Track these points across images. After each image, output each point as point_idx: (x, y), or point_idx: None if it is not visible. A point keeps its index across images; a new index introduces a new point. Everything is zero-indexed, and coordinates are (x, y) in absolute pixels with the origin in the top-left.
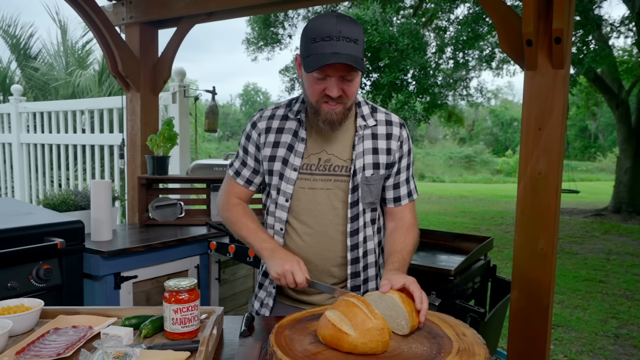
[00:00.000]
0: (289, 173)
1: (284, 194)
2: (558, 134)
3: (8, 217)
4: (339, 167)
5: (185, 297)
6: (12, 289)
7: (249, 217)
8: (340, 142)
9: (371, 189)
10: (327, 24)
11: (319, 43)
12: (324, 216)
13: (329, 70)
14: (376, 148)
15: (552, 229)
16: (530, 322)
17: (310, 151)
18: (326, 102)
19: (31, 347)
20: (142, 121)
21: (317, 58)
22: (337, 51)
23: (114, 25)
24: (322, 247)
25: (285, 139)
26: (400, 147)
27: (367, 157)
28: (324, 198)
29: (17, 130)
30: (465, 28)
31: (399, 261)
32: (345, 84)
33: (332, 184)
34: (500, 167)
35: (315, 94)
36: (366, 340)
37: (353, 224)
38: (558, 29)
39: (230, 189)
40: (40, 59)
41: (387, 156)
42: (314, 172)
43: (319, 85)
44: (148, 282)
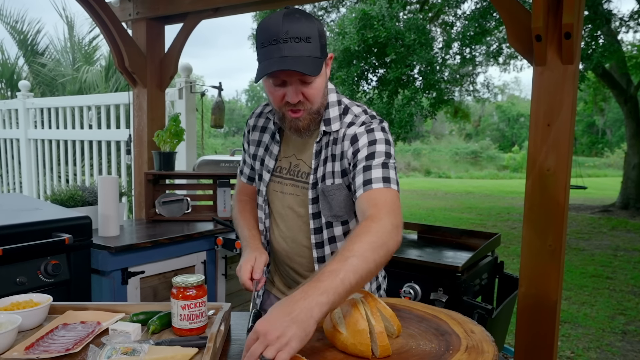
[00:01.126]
0: (264, 174)
1: (261, 194)
2: (567, 130)
3: (16, 212)
4: (305, 174)
5: (192, 294)
6: (21, 284)
7: (247, 214)
8: (308, 148)
9: (329, 200)
10: (273, 25)
11: (267, 48)
12: (293, 222)
13: (282, 76)
14: (334, 154)
15: (560, 225)
16: (537, 318)
17: (283, 154)
18: (289, 110)
19: (40, 342)
20: (149, 117)
21: (265, 65)
22: (285, 54)
23: (121, 21)
24: (295, 252)
25: (265, 139)
26: (352, 143)
27: (328, 165)
28: (292, 203)
29: (25, 126)
30: (473, 23)
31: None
32: (305, 87)
33: (299, 190)
34: (506, 162)
35: (276, 101)
36: (355, 341)
37: (317, 236)
38: (568, 24)
39: (239, 187)
40: (47, 55)
41: (341, 162)
42: (284, 176)
43: (277, 92)
44: (155, 277)
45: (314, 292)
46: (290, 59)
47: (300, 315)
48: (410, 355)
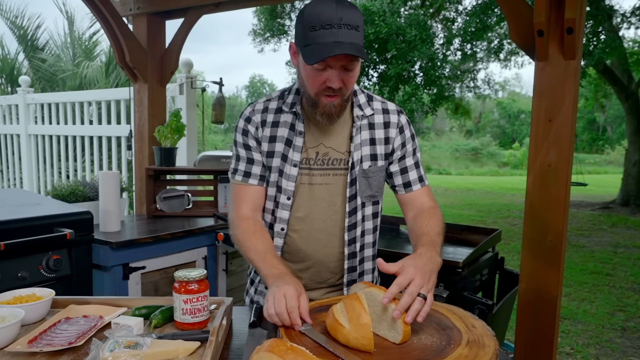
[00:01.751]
0: (288, 169)
1: (285, 192)
2: (568, 126)
3: (18, 207)
4: (337, 161)
5: (195, 288)
6: (23, 279)
7: (258, 236)
8: (337, 134)
9: (370, 181)
10: (327, 10)
11: (319, 32)
12: (322, 212)
13: (330, 61)
14: (373, 139)
15: (561, 221)
16: (538, 314)
17: (308, 145)
18: (327, 95)
19: (43, 336)
20: (150, 112)
21: (319, 48)
22: (340, 40)
23: (122, 16)
24: (321, 243)
25: (282, 133)
26: (400, 132)
27: (364, 149)
28: (323, 194)
29: (25, 121)
30: (474, 19)
31: (427, 243)
32: (346, 74)
33: (331, 179)
34: (507, 159)
35: (316, 85)
36: (358, 335)
37: (351, 217)
38: (570, 19)
39: (240, 197)
40: (47, 51)
41: (386, 146)
42: (312, 166)
43: (319, 76)
44: (156, 272)
45: (433, 252)
46: (347, 45)
47: (434, 267)
48: (411, 349)
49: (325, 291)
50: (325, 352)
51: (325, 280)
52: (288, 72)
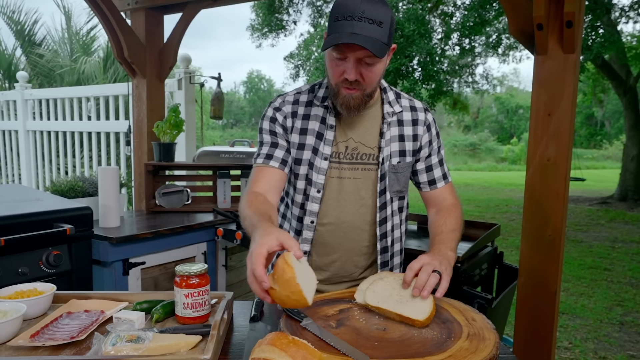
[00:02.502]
0: (319, 162)
1: (315, 185)
2: (568, 120)
3: (18, 203)
4: (367, 156)
5: (196, 282)
6: (23, 274)
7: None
8: (367, 129)
9: (398, 177)
10: (352, 3)
11: (340, 22)
12: (350, 206)
13: (347, 51)
14: (402, 135)
15: (560, 216)
16: (536, 309)
17: (338, 139)
18: (346, 87)
19: (45, 330)
20: (148, 108)
21: (334, 37)
22: (356, 32)
23: (120, 10)
24: (347, 237)
25: (312, 126)
26: (428, 130)
27: (393, 145)
28: (352, 187)
29: (23, 117)
30: (472, 13)
31: (439, 242)
32: (365, 67)
33: (359, 173)
34: (505, 154)
35: (335, 75)
36: (288, 292)
37: (381, 212)
38: (570, 12)
39: (256, 177)
40: (45, 46)
41: (414, 142)
42: (342, 160)
43: (337, 67)
44: (156, 268)
45: (443, 247)
46: (362, 37)
47: (443, 259)
48: (412, 343)
49: (347, 285)
50: (326, 345)
51: (350, 274)
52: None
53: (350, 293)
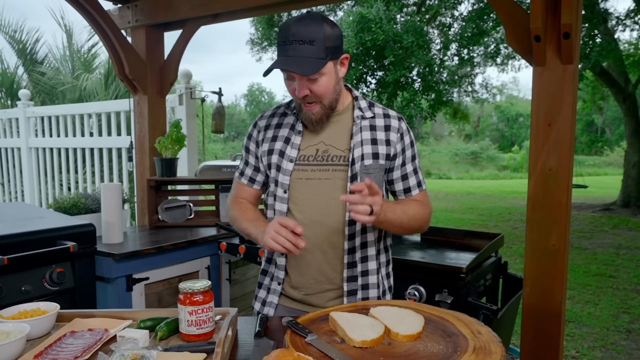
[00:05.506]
0: (285, 164)
1: (281, 186)
2: (568, 130)
3: (20, 221)
4: (337, 157)
5: (200, 299)
6: (26, 292)
7: (249, 211)
8: (337, 133)
9: (370, 177)
10: (285, 28)
11: (279, 47)
12: (322, 206)
13: (290, 73)
14: (375, 139)
15: (563, 225)
16: (543, 318)
17: (308, 143)
18: (304, 103)
19: (49, 350)
20: (150, 123)
21: (273, 62)
22: (289, 54)
23: (120, 28)
24: (321, 237)
25: (282, 133)
26: (401, 139)
27: (365, 147)
28: (322, 188)
29: (26, 134)
30: (470, 24)
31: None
32: (311, 83)
33: (329, 174)
34: (506, 162)
35: (291, 94)
36: None
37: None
38: (567, 24)
39: (236, 191)
40: (46, 64)
41: (387, 147)
42: (311, 162)
43: (290, 85)
44: (159, 283)
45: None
46: (292, 59)
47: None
48: (418, 357)
49: (334, 294)
50: None
51: (331, 280)
52: None
53: (355, 307)
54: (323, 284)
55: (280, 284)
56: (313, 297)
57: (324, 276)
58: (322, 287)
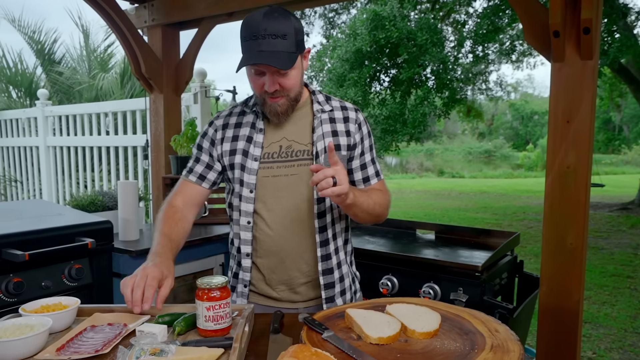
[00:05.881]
0: (250, 164)
1: (247, 185)
2: (587, 127)
3: (40, 218)
4: (301, 152)
5: (217, 295)
6: (46, 287)
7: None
8: (299, 127)
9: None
10: (254, 22)
11: (248, 42)
12: (291, 202)
13: (261, 67)
14: (335, 131)
15: (581, 223)
16: (560, 318)
17: (270, 140)
18: (270, 97)
19: (70, 344)
20: (166, 122)
21: (245, 58)
22: (262, 49)
23: (137, 28)
24: (293, 232)
25: (243, 132)
26: (359, 129)
27: (327, 140)
28: (289, 184)
29: (44, 133)
30: (485, 21)
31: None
32: (281, 77)
33: (295, 169)
34: (521, 161)
35: (257, 88)
36: None
37: (320, 205)
38: (587, 19)
39: (178, 189)
40: (64, 64)
41: (347, 137)
42: (276, 159)
43: (258, 80)
44: (174, 280)
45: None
46: (267, 54)
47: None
48: (435, 355)
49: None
50: (348, 358)
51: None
52: None
53: (371, 305)
54: (299, 279)
55: (246, 287)
56: (289, 293)
57: (298, 271)
58: (299, 281)
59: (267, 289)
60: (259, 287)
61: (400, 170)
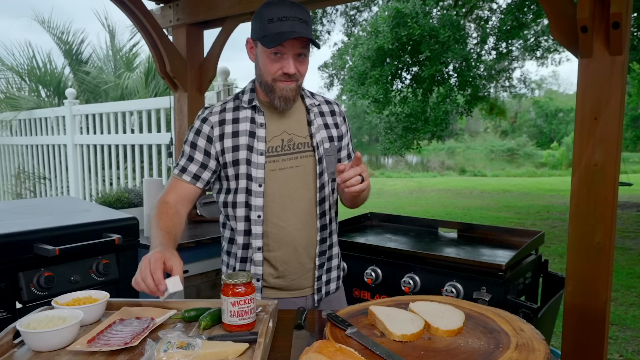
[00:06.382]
0: (256, 158)
1: (256, 180)
2: (616, 124)
3: (70, 214)
4: (302, 144)
5: (242, 291)
6: (75, 282)
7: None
8: (296, 121)
9: (331, 159)
10: (282, 7)
11: (276, 23)
12: (297, 192)
13: (286, 49)
14: (327, 124)
15: (609, 222)
16: (586, 319)
17: (272, 134)
18: (282, 80)
19: (100, 336)
20: (189, 120)
21: (278, 36)
22: (295, 30)
23: (162, 27)
24: (303, 221)
25: (244, 128)
26: (344, 121)
27: (322, 132)
28: (295, 175)
29: (72, 132)
30: (509, 17)
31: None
32: (299, 62)
33: (299, 161)
34: (545, 159)
35: (272, 72)
36: None
37: (321, 192)
38: (617, 13)
39: (170, 188)
40: (90, 64)
41: (337, 129)
42: (280, 153)
43: (276, 63)
44: (198, 277)
45: None
46: (302, 33)
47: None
48: (459, 353)
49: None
50: (372, 354)
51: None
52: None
53: (394, 302)
54: (306, 265)
55: (259, 280)
56: (296, 281)
57: (308, 258)
58: (306, 267)
59: (277, 281)
60: (269, 281)
61: (421, 168)
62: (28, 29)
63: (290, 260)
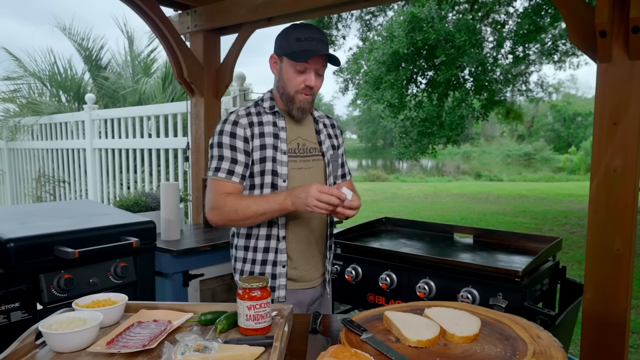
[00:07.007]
0: (280, 156)
1: (281, 176)
2: (635, 129)
3: (89, 217)
4: (313, 149)
5: (258, 295)
6: (94, 284)
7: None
8: (307, 129)
9: (334, 165)
10: (309, 29)
11: (303, 42)
12: None
13: (310, 64)
14: (329, 134)
15: (629, 228)
16: (605, 327)
17: (290, 138)
18: (303, 93)
19: (119, 338)
20: (206, 125)
21: (306, 53)
22: (319, 49)
23: (180, 33)
24: (318, 217)
25: (268, 130)
26: (341, 134)
27: (327, 141)
28: (311, 174)
29: (91, 136)
30: (526, 21)
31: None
32: (318, 78)
33: (312, 163)
34: (562, 164)
35: (296, 84)
36: None
37: None
38: (636, 17)
39: (223, 189)
40: (109, 69)
41: (336, 140)
42: (298, 154)
43: (300, 77)
44: (213, 280)
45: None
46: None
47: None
48: (475, 359)
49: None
50: (386, 359)
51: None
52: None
53: (409, 307)
54: (317, 256)
55: (284, 267)
56: (309, 272)
57: (317, 249)
58: (317, 258)
59: (292, 272)
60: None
61: (436, 173)
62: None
63: (305, 252)
